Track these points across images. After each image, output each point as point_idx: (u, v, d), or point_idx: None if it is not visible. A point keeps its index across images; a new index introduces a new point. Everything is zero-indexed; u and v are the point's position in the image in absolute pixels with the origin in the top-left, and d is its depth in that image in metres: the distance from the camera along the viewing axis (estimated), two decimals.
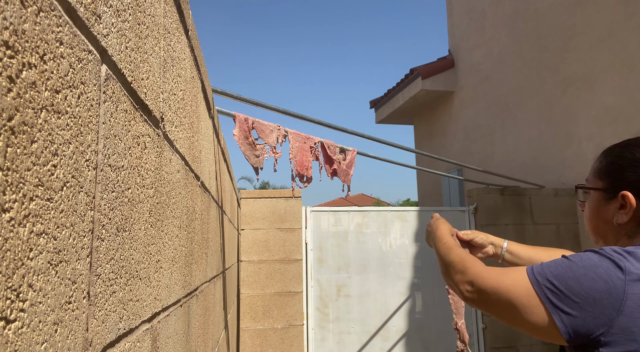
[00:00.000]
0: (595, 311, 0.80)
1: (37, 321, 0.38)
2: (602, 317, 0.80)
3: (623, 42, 4.42)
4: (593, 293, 0.81)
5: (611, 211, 0.96)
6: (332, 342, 4.53)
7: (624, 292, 0.79)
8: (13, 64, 0.35)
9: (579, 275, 0.83)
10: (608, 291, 0.80)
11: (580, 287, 0.82)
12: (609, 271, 0.81)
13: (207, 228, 1.64)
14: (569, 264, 0.85)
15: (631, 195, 0.91)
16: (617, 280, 0.80)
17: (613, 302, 0.80)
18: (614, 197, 0.95)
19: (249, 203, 4.28)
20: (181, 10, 1.07)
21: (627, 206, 0.92)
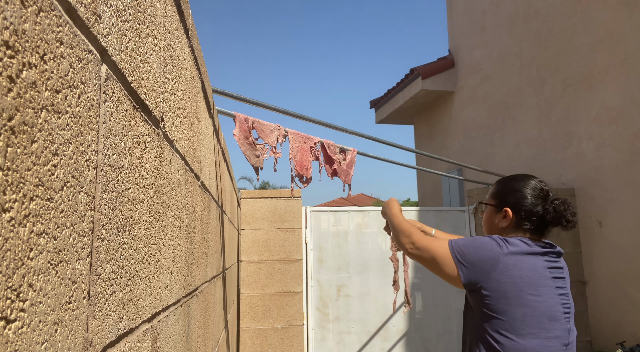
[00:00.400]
0: (481, 267, 1.38)
1: (37, 320, 0.38)
2: (484, 272, 1.37)
3: (623, 42, 4.42)
4: (481, 257, 1.38)
5: (498, 219, 1.55)
6: (332, 342, 4.53)
7: (498, 259, 1.37)
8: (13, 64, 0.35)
9: (476, 246, 1.41)
10: (490, 257, 1.38)
11: (475, 253, 1.40)
12: (492, 247, 1.39)
13: (207, 228, 1.64)
14: (472, 239, 1.45)
15: (510, 210, 1.51)
16: (496, 252, 1.38)
17: (492, 264, 1.37)
18: (500, 211, 1.54)
19: (249, 203, 4.28)
20: (181, 10, 1.07)
21: (507, 217, 1.52)
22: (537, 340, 1.33)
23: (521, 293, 1.34)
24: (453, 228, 4.87)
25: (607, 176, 4.51)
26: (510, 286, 1.34)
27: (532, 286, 1.35)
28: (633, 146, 4.25)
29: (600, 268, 4.54)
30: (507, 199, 1.53)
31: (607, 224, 4.49)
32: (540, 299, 1.35)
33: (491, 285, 1.36)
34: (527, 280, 1.36)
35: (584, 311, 4.62)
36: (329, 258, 4.63)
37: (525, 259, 1.38)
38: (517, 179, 1.57)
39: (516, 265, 1.36)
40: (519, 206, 1.50)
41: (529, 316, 1.33)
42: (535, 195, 1.51)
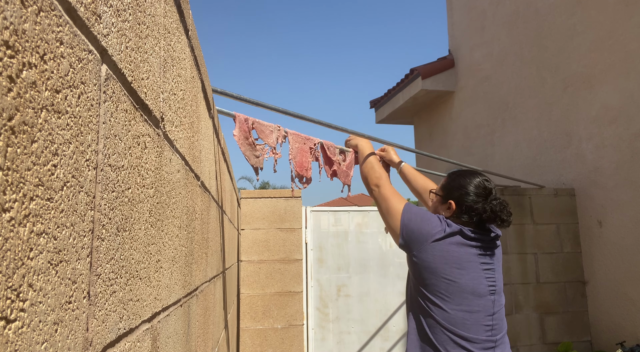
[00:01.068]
0: (418, 238, 1.57)
1: (37, 320, 0.38)
2: (419, 242, 1.57)
3: (623, 42, 4.42)
4: (422, 229, 1.57)
5: (443, 209, 1.71)
6: (332, 342, 4.53)
7: (434, 234, 1.55)
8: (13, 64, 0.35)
9: (422, 218, 1.60)
10: (428, 231, 1.56)
11: (419, 224, 1.59)
12: (434, 223, 1.58)
13: (207, 228, 1.64)
14: (423, 212, 1.64)
15: (454, 203, 1.66)
16: (435, 228, 1.56)
17: (427, 237, 1.55)
18: (445, 203, 1.69)
19: (249, 203, 4.28)
20: (181, 10, 1.07)
21: (451, 209, 1.66)
22: (461, 312, 1.49)
23: (445, 266, 1.52)
24: None
25: (607, 176, 4.50)
26: (437, 259, 1.52)
27: (456, 262, 1.52)
28: (633, 146, 4.25)
29: (600, 268, 4.54)
30: (452, 193, 1.68)
31: (607, 224, 4.49)
32: (464, 273, 1.52)
33: (421, 255, 1.55)
34: (452, 255, 1.53)
35: (584, 311, 4.62)
36: (329, 258, 4.63)
37: (454, 239, 1.56)
38: (464, 176, 1.72)
39: (446, 243, 1.54)
40: (461, 201, 1.64)
41: (452, 288, 1.50)
42: (477, 193, 1.65)
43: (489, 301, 1.53)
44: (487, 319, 1.51)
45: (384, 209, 1.72)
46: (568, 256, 4.71)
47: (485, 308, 1.52)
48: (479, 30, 6.96)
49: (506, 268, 4.58)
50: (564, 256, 4.68)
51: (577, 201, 4.84)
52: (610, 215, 4.46)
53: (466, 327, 1.49)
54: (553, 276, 4.60)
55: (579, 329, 4.57)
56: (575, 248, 4.76)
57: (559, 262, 4.65)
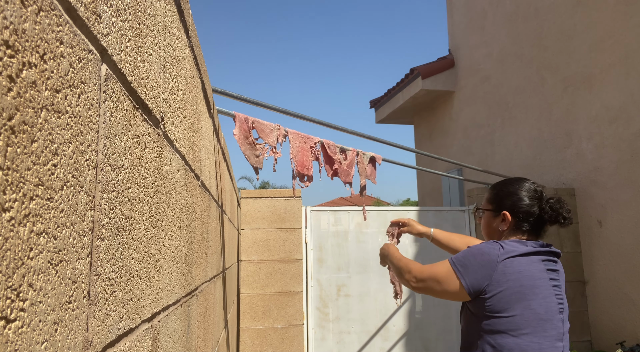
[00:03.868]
0: (483, 272, 1.41)
1: (37, 320, 0.38)
2: (486, 276, 1.40)
3: (623, 42, 4.42)
4: (482, 263, 1.41)
5: (497, 223, 1.59)
6: (332, 341, 4.53)
7: (497, 261, 1.40)
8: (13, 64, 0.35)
9: (474, 254, 1.44)
10: (489, 260, 1.41)
11: (475, 260, 1.43)
12: (490, 251, 1.43)
13: (207, 228, 1.64)
14: (469, 249, 1.47)
15: (508, 214, 1.55)
16: (494, 255, 1.41)
17: (492, 266, 1.40)
18: (499, 215, 1.59)
19: (249, 203, 4.28)
20: (181, 9, 1.07)
21: (506, 220, 1.56)
22: (534, 338, 1.38)
23: (519, 292, 1.38)
24: (453, 228, 4.87)
25: (607, 176, 4.50)
26: (510, 285, 1.38)
27: (529, 286, 1.39)
28: (633, 146, 4.25)
29: (600, 268, 4.54)
30: (504, 202, 1.57)
31: (607, 224, 4.49)
32: (538, 298, 1.39)
33: (492, 287, 1.39)
34: (525, 280, 1.39)
35: (584, 311, 4.62)
36: (329, 258, 4.63)
37: (522, 259, 1.42)
38: (511, 183, 1.62)
39: (514, 265, 1.40)
40: (516, 208, 1.54)
41: (527, 314, 1.37)
42: (530, 196, 1.55)
43: (560, 329, 1.42)
44: (558, 343, 1.41)
45: (434, 284, 1.50)
46: (568, 256, 4.71)
47: (556, 335, 1.41)
48: (479, 30, 6.95)
49: None
50: (564, 256, 4.68)
51: (577, 200, 4.84)
52: (610, 215, 4.46)
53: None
54: None
55: (579, 329, 4.57)
56: (575, 248, 4.75)
57: None
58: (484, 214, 1.67)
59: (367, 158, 3.27)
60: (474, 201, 4.85)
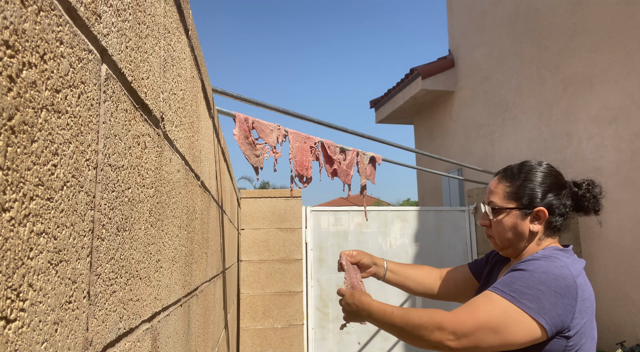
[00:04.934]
0: (566, 305, 1.01)
1: (37, 320, 0.38)
2: (570, 310, 1.01)
3: (623, 42, 4.42)
4: (560, 292, 1.01)
5: (526, 224, 1.19)
6: (332, 342, 4.53)
7: (576, 285, 1.03)
8: (13, 64, 0.35)
9: (544, 280, 1.02)
10: (567, 286, 1.02)
11: (549, 290, 1.01)
12: (563, 273, 1.03)
13: (207, 228, 1.64)
14: (531, 274, 1.04)
15: (545, 209, 1.18)
16: (569, 278, 1.03)
17: (573, 295, 1.02)
18: (530, 213, 1.19)
19: (249, 203, 4.28)
20: (181, 9, 1.07)
21: (542, 218, 1.18)
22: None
23: (592, 316, 1.08)
24: (453, 228, 4.87)
25: (607, 176, 4.50)
26: (586, 315, 1.05)
27: (593, 311, 1.10)
28: (633, 146, 4.25)
29: (600, 268, 4.54)
30: (537, 195, 1.20)
31: (607, 224, 4.49)
32: (594, 328, 1.11)
33: (576, 321, 1.03)
34: (591, 304, 1.09)
35: None
36: (329, 258, 4.63)
37: (584, 274, 1.11)
38: (538, 169, 1.24)
39: (586, 287, 1.08)
40: (554, 201, 1.20)
41: (589, 344, 1.07)
42: (560, 183, 1.23)
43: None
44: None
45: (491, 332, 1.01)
46: None
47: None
48: (479, 30, 6.95)
49: None
50: None
51: None
52: (610, 215, 4.46)
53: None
54: None
55: None
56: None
57: None
58: (504, 214, 1.23)
59: (367, 158, 3.27)
60: (474, 201, 4.84)
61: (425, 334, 1.06)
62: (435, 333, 1.04)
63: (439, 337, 1.04)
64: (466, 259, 4.86)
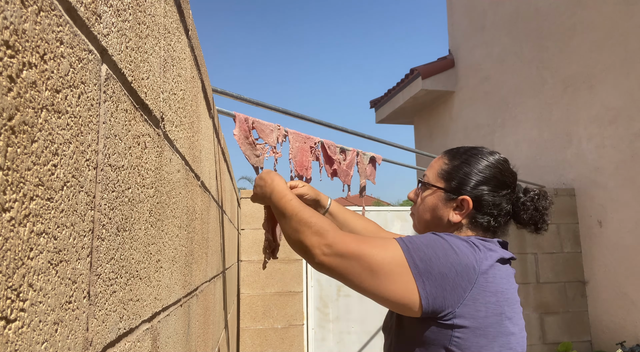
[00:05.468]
0: (455, 283, 0.88)
1: (37, 320, 0.38)
2: (459, 290, 0.88)
3: (623, 42, 4.42)
4: (456, 267, 0.89)
5: (447, 210, 1.06)
6: (332, 342, 4.53)
7: (477, 269, 0.90)
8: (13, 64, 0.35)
9: (445, 248, 0.91)
10: (467, 265, 0.90)
11: (446, 259, 0.90)
12: (467, 250, 0.92)
13: (207, 228, 1.64)
14: (436, 239, 0.93)
15: (471, 200, 1.03)
16: (472, 258, 0.91)
17: (469, 277, 0.89)
18: (455, 199, 1.05)
19: (249, 203, 4.28)
20: (181, 9, 1.07)
21: (464, 209, 1.04)
22: None
23: (501, 317, 0.91)
24: None
25: (607, 176, 4.50)
26: (491, 308, 0.90)
27: (510, 307, 0.93)
28: (633, 146, 4.25)
29: (600, 268, 4.54)
30: (467, 182, 1.05)
31: (607, 224, 4.49)
32: (518, 324, 0.95)
33: (466, 310, 0.88)
34: (506, 298, 0.93)
35: (584, 311, 4.62)
36: None
37: (501, 268, 0.96)
38: (480, 156, 1.08)
39: (496, 280, 0.93)
40: (484, 195, 1.04)
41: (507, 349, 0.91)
42: (505, 181, 1.06)
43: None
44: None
45: (362, 272, 0.91)
46: (568, 256, 4.71)
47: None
48: (479, 30, 6.95)
49: None
50: (564, 256, 4.68)
51: (577, 201, 4.84)
52: (610, 215, 4.46)
53: None
54: (553, 276, 4.60)
55: (579, 329, 4.57)
56: (575, 248, 4.75)
57: (559, 262, 4.65)
58: (430, 191, 1.10)
59: (367, 158, 3.27)
60: None
61: (305, 233, 0.98)
62: (314, 237, 0.96)
63: (314, 242, 0.96)
64: None
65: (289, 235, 1.04)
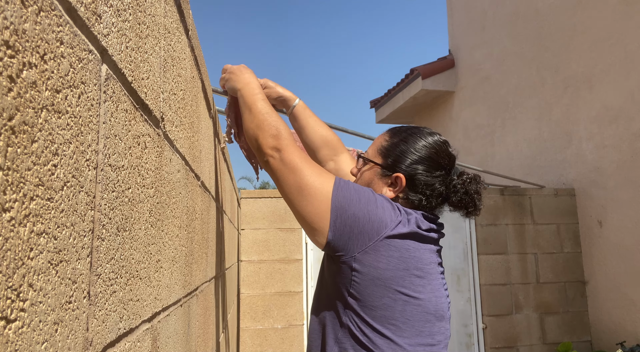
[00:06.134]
0: (363, 230, 0.95)
1: (37, 320, 0.38)
2: (363, 237, 0.95)
3: (623, 42, 4.42)
4: (371, 217, 0.95)
5: (382, 186, 1.10)
6: None
7: (387, 225, 0.96)
8: (13, 64, 0.35)
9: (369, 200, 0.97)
10: (381, 220, 0.96)
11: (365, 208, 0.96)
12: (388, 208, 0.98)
13: (207, 228, 1.64)
14: (366, 190, 1.00)
15: (404, 178, 1.07)
16: (388, 217, 0.97)
17: (378, 229, 0.95)
18: (389, 176, 1.09)
19: (249, 203, 4.28)
20: (181, 9, 1.07)
21: (397, 186, 1.08)
22: (421, 347, 0.97)
23: (404, 274, 0.96)
24: (452, 228, 4.86)
25: (607, 176, 4.50)
26: (393, 262, 0.95)
27: (417, 267, 0.98)
28: (633, 146, 4.25)
29: (600, 268, 4.54)
30: (401, 159, 1.09)
31: (607, 224, 4.49)
32: (425, 283, 0.99)
33: (366, 257, 0.95)
34: (412, 257, 0.97)
35: (584, 311, 4.62)
36: None
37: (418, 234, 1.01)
38: (419, 135, 1.12)
39: (406, 242, 0.97)
40: (417, 174, 1.07)
41: (411, 308, 0.96)
42: (440, 163, 1.09)
43: (447, 324, 1.03)
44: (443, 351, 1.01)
45: (293, 185, 1.00)
46: (568, 256, 4.71)
47: (446, 336, 1.02)
48: (479, 30, 6.95)
49: (506, 268, 4.57)
50: (564, 256, 4.68)
51: (577, 201, 4.84)
52: (610, 215, 4.46)
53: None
54: (553, 276, 4.60)
55: (579, 329, 4.57)
56: (575, 248, 4.75)
57: (559, 262, 4.65)
58: (368, 166, 1.15)
59: None
60: None
61: (264, 132, 1.07)
62: (270, 138, 1.06)
63: (269, 143, 1.05)
64: (467, 258, 4.86)
65: (249, 128, 1.13)
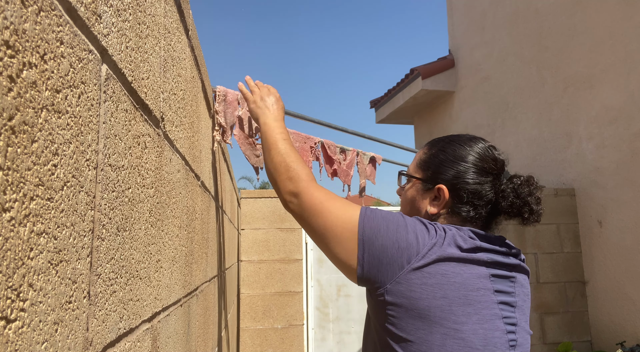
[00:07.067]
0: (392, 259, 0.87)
1: (37, 320, 0.38)
2: (394, 266, 0.87)
3: (623, 42, 4.42)
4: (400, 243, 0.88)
5: (425, 201, 1.03)
6: (332, 342, 4.53)
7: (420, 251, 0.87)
8: (14, 64, 0.35)
9: (398, 224, 0.90)
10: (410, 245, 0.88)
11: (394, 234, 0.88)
12: (419, 231, 0.89)
13: (207, 228, 1.64)
14: (395, 215, 0.92)
15: (446, 189, 0.99)
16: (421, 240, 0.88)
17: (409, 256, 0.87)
18: (431, 189, 1.02)
19: (249, 203, 4.28)
20: (181, 9, 1.07)
21: (440, 198, 1.00)
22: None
23: (442, 303, 0.85)
24: None
25: (607, 176, 4.50)
26: (429, 290, 0.85)
27: (460, 292, 0.86)
28: (633, 146, 4.25)
29: (600, 268, 4.54)
30: (443, 170, 1.01)
31: (607, 224, 4.49)
32: (471, 312, 0.86)
33: (398, 288, 0.86)
34: (453, 282, 0.86)
35: (584, 311, 4.62)
36: None
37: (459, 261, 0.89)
38: (461, 141, 1.05)
39: (442, 265, 0.87)
40: (459, 182, 0.98)
41: (452, 343, 0.85)
42: (485, 168, 1.00)
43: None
44: None
45: (317, 228, 0.96)
46: (568, 256, 4.71)
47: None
48: (479, 30, 6.95)
49: None
50: (564, 256, 4.68)
51: (577, 201, 4.84)
52: (610, 215, 4.46)
53: None
54: (553, 276, 4.60)
55: (579, 329, 4.57)
56: (575, 248, 4.75)
57: (559, 262, 4.65)
58: (410, 183, 1.07)
59: (367, 158, 3.27)
60: None
61: (281, 174, 1.05)
62: (287, 181, 1.03)
63: (286, 187, 1.03)
64: None
65: (267, 166, 1.11)
